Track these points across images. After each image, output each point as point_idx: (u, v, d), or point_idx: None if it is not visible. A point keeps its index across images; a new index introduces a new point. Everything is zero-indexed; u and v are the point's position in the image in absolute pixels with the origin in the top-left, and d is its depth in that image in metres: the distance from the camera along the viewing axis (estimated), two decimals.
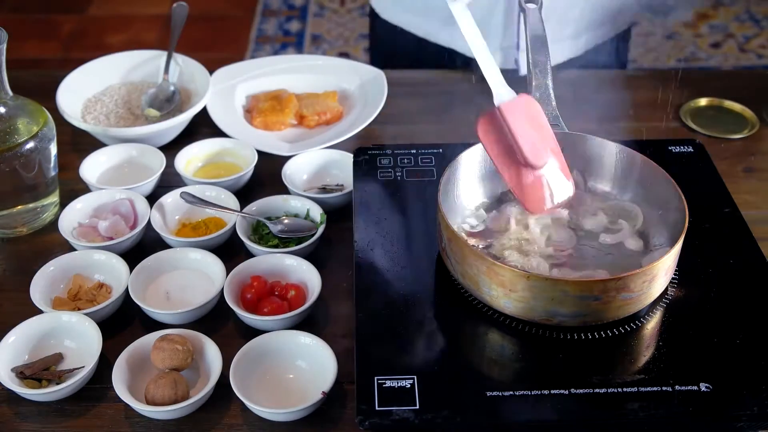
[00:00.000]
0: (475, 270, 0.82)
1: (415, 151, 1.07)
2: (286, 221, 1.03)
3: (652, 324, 0.84)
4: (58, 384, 0.84)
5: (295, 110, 1.27)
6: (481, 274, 0.81)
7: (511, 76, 0.91)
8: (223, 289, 0.93)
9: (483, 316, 0.85)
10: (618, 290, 0.78)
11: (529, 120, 0.89)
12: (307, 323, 0.92)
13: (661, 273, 0.82)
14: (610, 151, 0.96)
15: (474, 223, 0.95)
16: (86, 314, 0.90)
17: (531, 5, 1.05)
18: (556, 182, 0.91)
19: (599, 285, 0.78)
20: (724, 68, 3.02)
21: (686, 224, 0.83)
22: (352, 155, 1.07)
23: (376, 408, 0.75)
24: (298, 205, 1.06)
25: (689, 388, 0.77)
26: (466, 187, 0.96)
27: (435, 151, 1.07)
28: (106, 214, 1.06)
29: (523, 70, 1.22)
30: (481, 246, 0.91)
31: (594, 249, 0.90)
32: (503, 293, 0.81)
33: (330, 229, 1.03)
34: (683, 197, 0.86)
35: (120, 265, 0.97)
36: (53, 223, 1.06)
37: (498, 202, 0.97)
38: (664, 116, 1.28)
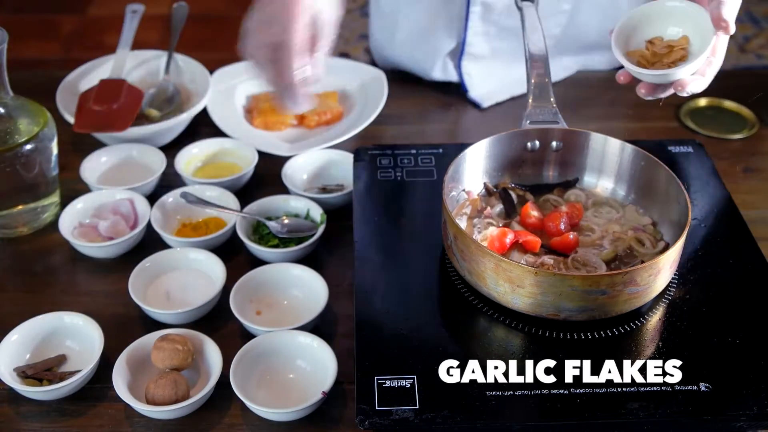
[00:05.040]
0: (482, 267, 0.82)
1: (415, 151, 1.07)
2: (286, 221, 1.03)
3: (651, 324, 0.84)
4: (58, 383, 0.84)
5: None
6: (489, 270, 0.81)
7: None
8: (222, 288, 0.93)
9: (483, 316, 0.85)
10: (625, 284, 0.79)
11: None
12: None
13: (666, 266, 0.82)
14: (611, 148, 0.96)
15: (478, 219, 0.94)
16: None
17: (527, 3, 1.05)
18: None
19: (606, 279, 0.78)
20: (724, 68, 3.01)
21: (689, 217, 0.83)
22: (352, 155, 1.07)
23: (376, 408, 0.75)
24: (298, 205, 1.06)
25: (689, 388, 0.77)
26: (470, 183, 0.96)
27: (435, 151, 1.07)
28: (106, 214, 1.06)
29: None
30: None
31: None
32: (511, 289, 0.81)
33: (330, 229, 1.03)
34: (685, 191, 0.86)
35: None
36: (54, 223, 1.06)
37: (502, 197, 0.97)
38: (664, 116, 1.28)
